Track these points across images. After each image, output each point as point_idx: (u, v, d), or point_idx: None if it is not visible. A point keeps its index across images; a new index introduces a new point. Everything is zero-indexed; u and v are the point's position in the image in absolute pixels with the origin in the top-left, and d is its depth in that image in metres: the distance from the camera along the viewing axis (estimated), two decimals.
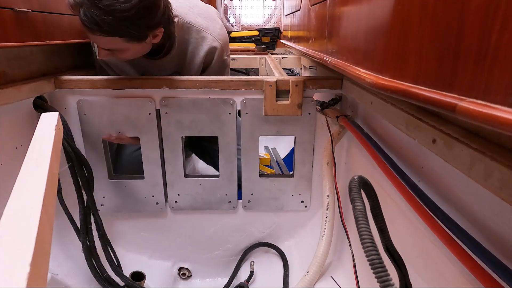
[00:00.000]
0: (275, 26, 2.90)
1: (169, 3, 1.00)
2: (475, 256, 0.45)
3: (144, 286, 1.14)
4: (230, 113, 1.07)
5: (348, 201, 0.50)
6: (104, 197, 1.17)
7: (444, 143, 0.51)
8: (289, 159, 1.91)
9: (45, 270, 0.38)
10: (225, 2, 2.92)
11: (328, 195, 1.01)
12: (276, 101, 1.04)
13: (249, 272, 1.20)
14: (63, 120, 0.97)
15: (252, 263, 1.22)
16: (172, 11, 1.02)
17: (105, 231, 1.07)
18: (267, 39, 2.74)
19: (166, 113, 1.07)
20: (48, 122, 0.75)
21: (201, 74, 1.19)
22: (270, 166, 1.87)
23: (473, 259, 0.46)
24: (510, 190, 0.38)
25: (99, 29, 0.86)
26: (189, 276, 1.30)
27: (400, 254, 0.53)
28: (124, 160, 1.32)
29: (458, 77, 0.37)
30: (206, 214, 1.24)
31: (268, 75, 1.86)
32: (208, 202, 1.20)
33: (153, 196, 1.18)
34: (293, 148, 1.16)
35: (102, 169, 1.13)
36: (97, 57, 1.01)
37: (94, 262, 1.03)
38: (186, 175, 1.16)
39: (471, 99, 0.34)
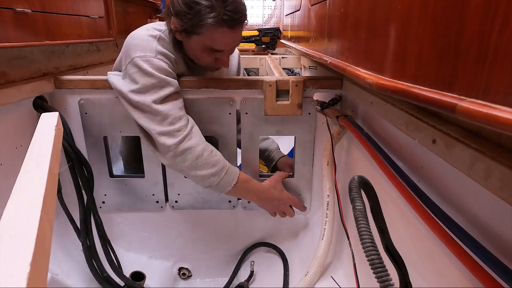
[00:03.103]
0: (275, 26, 2.90)
1: None
2: (475, 256, 0.45)
3: (144, 286, 1.14)
4: (230, 113, 1.07)
5: (348, 201, 0.50)
6: (105, 195, 1.17)
7: (444, 143, 0.50)
8: None
9: (45, 270, 0.38)
10: None
11: (328, 195, 1.01)
12: (276, 101, 1.04)
13: (249, 272, 1.20)
14: (63, 120, 0.97)
15: (252, 263, 1.22)
16: None
17: (105, 231, 1.07)
18: (267, 39, 2.74)
19: None
20: (48, 122, 0.75)
21: None
22: None
23: (473, 259, 0.46)
24: (510, 190, 0.38)
25: (244, 17, 0.91)
26: (189, 276, 1.30)
27: (400, 254, 0.53)
28: None
29: (458, 77, 0.37)
30: (206, 214, 1.24)
31: (268, 75, 1.86)
32: (208, 202, 1.20)
33: (153, 194, 1.18)
34: (293, 148, 1.16)
35: (103, 167, 1.13)
36: (224, 67, 1.01)
37: (94, 262, 1.03)
38: None
39: (471, 99, 0.34)
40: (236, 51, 1.23)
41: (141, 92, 0.90)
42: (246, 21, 0.92)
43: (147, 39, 0.93)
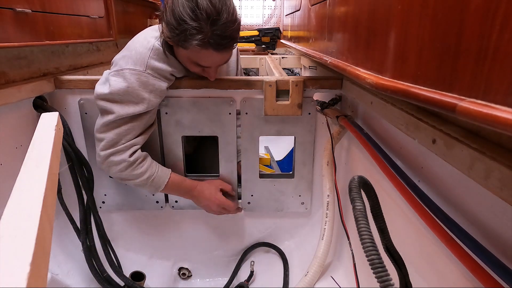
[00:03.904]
0: (275, 26, 2.90)
1: None
2: (475, 256, 0.45)
3: (144, 286, 1.14)
4: (230, 113, 1.07)
5: (348, 201, 0.50)
6: (105, 195, 1.17)
7: (444, 143, 0.50)
8: (289, 159, 1.91)
9: (45, 270, 0.38)
10: None
11: (328, 195, 1.01)
12: (276, 101, 1.04)
13: (249, 272, 1.20)
14: (63, 120, 0.97)
15: (252, 263, 1.22)
16: None
17: (105, 231, 1.07)
18: (267, 39, 2.74)
19: (166, 113, 1.07)
20: (48, 122, 0.75)
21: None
22: (270, 166, 1.87)
23: (473, 259, 0.46)
24: (510, 190, 0.38)
25: (233, 42, 0.88)
26: (189, 276, 1.30)
27: (400, 254, 0.53)
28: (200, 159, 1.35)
29: (458, 77, 0.37)
30: (206, 214, 1.24)
31: (268, 75, 1.86)
32: None
33: (153, 194, 1.18)
34: (293, 148, 1.16)
35: None
36: (210, 79, 0.99)
37: (94, 262, 1.03)
38: (186, 175, 1.16)
39: (471, 99, 0.34)
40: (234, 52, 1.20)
41: (114, 103, 0.92)
42: (235, 45, 0.90)
43: (141, 51, 0.92)
